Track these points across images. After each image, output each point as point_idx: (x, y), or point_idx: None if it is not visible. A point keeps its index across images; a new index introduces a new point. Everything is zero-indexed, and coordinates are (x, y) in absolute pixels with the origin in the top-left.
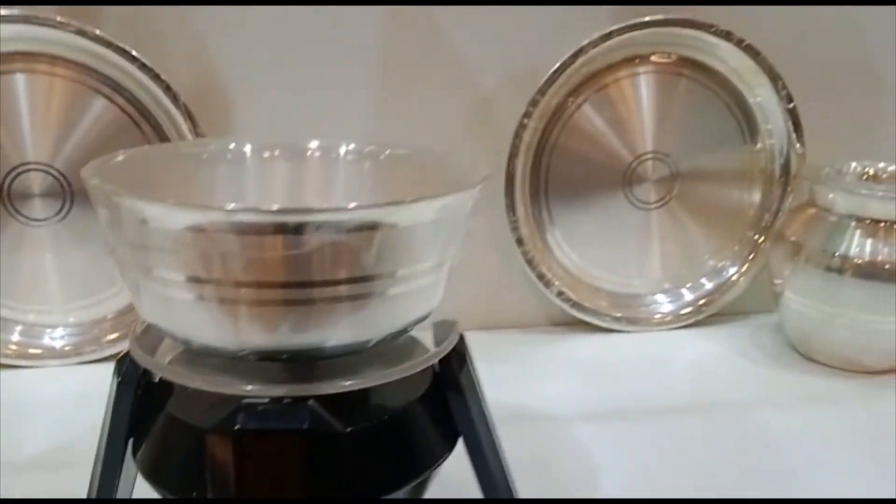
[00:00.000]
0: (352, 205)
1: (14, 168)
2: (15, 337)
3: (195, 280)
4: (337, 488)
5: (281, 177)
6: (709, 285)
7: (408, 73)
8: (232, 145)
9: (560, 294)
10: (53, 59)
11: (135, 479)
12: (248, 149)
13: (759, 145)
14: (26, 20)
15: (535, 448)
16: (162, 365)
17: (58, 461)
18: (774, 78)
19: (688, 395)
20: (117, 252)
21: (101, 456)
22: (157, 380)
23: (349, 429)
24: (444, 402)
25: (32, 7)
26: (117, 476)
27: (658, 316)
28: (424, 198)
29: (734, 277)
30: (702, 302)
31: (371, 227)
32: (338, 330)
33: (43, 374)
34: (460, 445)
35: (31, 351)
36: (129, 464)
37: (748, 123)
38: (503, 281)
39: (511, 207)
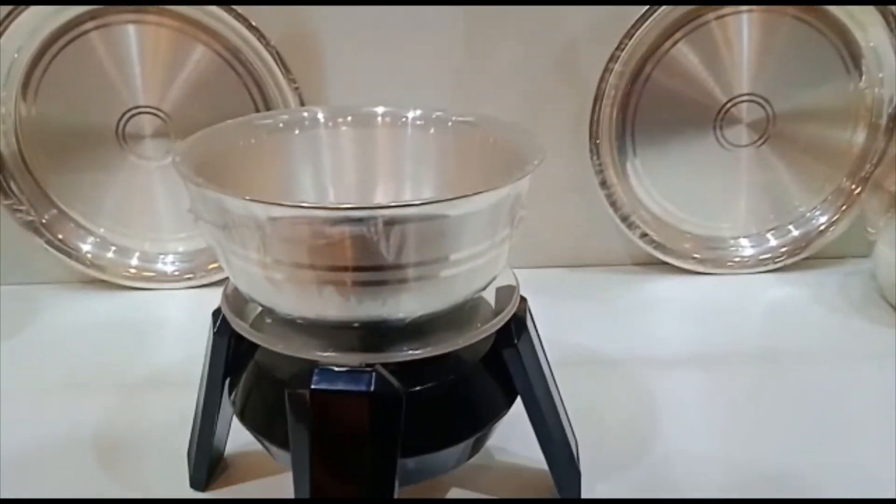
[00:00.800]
0: (415, 201)
1: (128, 111)
2: (134, 262)
3: (274, 262)
4: (400, 443)
5: (352, 143)
6: (795, 232)
7: (492, 15)
8: (305, 114)
9: (644, 236)
10: (161, 11)
11: (231, 418)
12: (319, 117)
13: (865, 89)
14: None
15: (604, 390)
16: (247, 328)
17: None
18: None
19: (766, 341)
20: (205, 226)
21: (201, 397)
22: None
23: (412, 390)
24: (501, 363)
25: None
26: (217, 412)
27: (741, 259)
28: (483, 190)
29: (823, 227)
30: (786, 249)
31: (432, 217)
32: (405, 304)
33: (156, 295)
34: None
35: (146, 274)
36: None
37: (856, 67)
38: (587, 222)
39: (595, 151)
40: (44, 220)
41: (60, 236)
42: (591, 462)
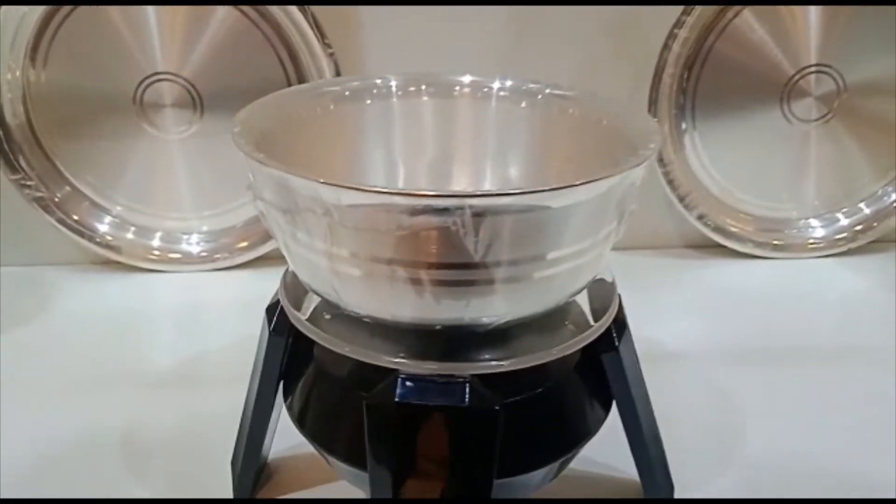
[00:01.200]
0: (513, 190)
1: (146, 77)
2: (156, 242)
3: (345, 253)
4: (493, 460)
5: (429, 115)
6: (867, 210)
7: None
8: (379, 80)
9: (701, 217)
10: None
11: (278, 420)
12: (392, 84)
13: None
14: None
15: (673, 388)
16: (312, 328)
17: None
18: None
19: (832, 335)
20: (265, 208)
21: (251, 400)
22: None
23: (506, 402)
24: (599, 368)
25: None
26: (269, 417)
27: (808, 242)
28: (593, 179)
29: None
30: (858, 228)
31: (531, 209)
32: (494, 307)
33: (182, 278)
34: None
35: (171, 256)
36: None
37: None
38: (640, 199)
39: None
40: (56, 198)
41: (75, 217)
42: (679, 470)
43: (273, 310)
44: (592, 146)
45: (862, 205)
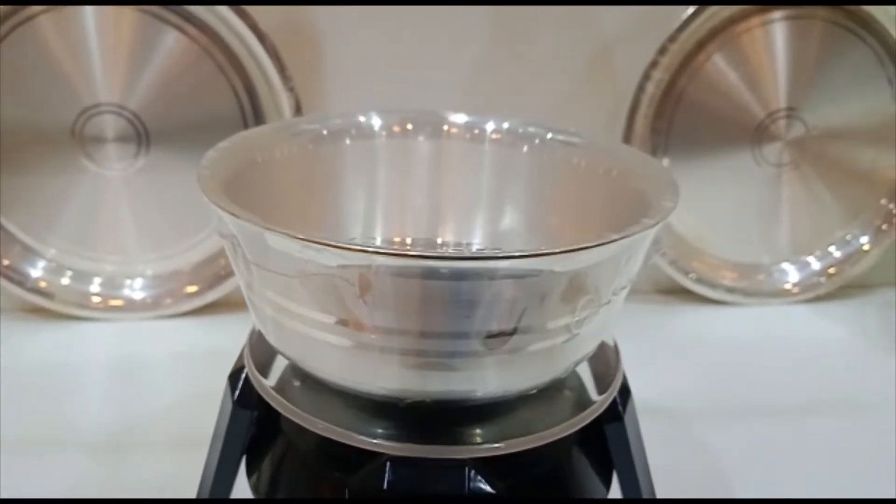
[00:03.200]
0: (510, 253)
1: (87, 109)
2: (95, 288)
3: (325, 318)
4: None
5: (416, 157)
6: (837, 254)
7: (519, 14)
8: (361, 118)
9: (672, 263)
10: None
11: None
12: (375, 123)
13: None
14: None
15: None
16: (284, 403)
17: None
18: None
19: (806, 385)
20: (235, 260)
21: (209, 478)
22: None
23: (507, 488)
24: (600, 440)
25: None
26: (229, 493)
27: (779, 287)
28: (607, 241)
29: (866, 247)
30: (831, 271)
31: (533, 274)
32: (486, 382)
33: (122, 327)
34: None
35: (112, 303)
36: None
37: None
38: None
39: None
40: None
41: (6, 262)
42: None
43: (236, 377)
44: (598, 199)
45: (832, 248)
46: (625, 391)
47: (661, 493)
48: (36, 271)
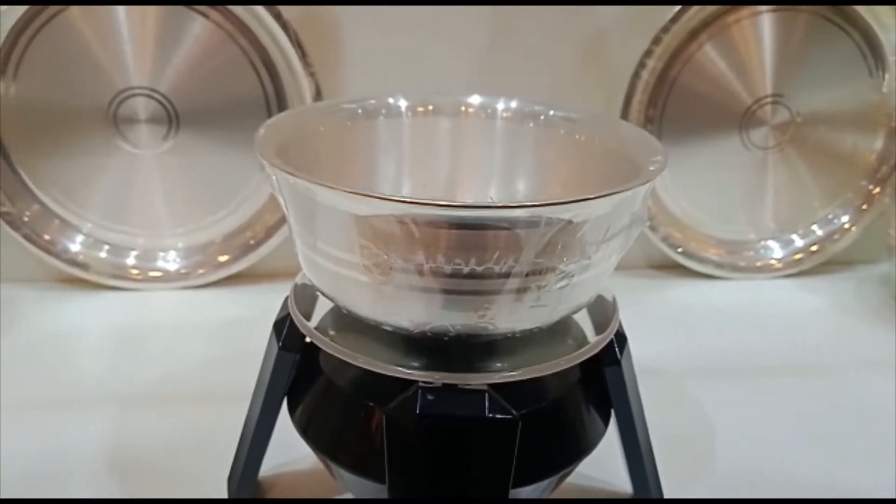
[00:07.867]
0: (521, 202)
1: (120, 92)
2: (131, 260)
3: (368, 261)
4: (511, 470)
5: (438, 133)
6: (820, 233)
7: (521, 10)
8: (391, 100)
9: (665, 239)
10: None
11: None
12: (402, 104)
13: (886, 89)
14: None
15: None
16: (328, 342)
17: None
18: None
19: (789, 351)
20: (289, 215)
21: (254, 417)
22: None
23: (522, 413)
24: (599, 382)
25: None
26: (271, 432)
27: (765, 262)
28: (610, 192)
29: (847, 226)
30: (813, 249)
31: (541, 223)
32: (507, 317)
33: (148, 296)
34: None
35: (151, 274)
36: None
37: (878, 64)
38: None
39: None
40: (25, 217)
41: (47, 237)
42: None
43: (281, 325)
44: (596, 167)
45: (815, 227)
46: (621, 338)
47: (652, 437)
48: (74, 245)
